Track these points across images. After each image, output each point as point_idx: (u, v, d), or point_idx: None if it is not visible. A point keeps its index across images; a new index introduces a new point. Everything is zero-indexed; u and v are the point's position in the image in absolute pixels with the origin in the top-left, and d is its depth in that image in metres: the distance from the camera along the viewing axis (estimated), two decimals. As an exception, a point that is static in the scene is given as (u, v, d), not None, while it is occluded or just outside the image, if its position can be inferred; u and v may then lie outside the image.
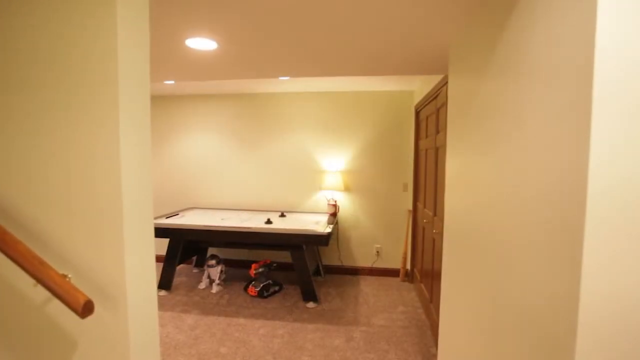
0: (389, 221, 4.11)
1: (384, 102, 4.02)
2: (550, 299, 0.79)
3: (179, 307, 3.20)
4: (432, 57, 2.03)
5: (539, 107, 0.88)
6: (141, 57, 0.95)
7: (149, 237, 0.97)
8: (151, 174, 0.99)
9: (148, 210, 0.97)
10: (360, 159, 4.11)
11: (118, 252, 0.86)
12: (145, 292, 0.95)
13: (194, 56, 1.97)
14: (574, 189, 0.71)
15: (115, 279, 0.86)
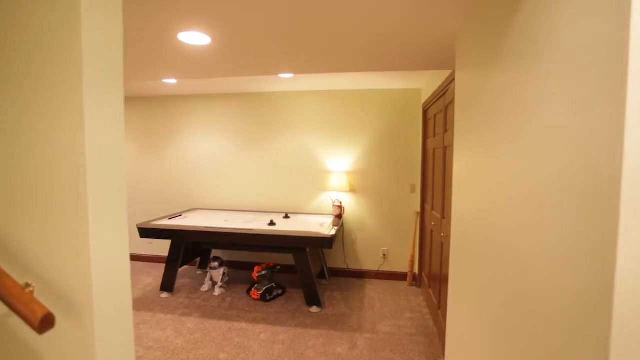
0: (396, 223, 3.99)
1: (390, 101, 3.90)
2: (581, 305, 0.68)
3: (180, 309, 3.14)
4: (438, 50, 1.92)
5: (561, 96, 0.77)
6: (111, 48, 0.86)
7: (121, 241, 0.89)
8: (125, 172, 0.91)
9: (119, 211, 0.89)
10: (366, 160, 4.00)
11: (83, 258, 0.78)
12: (116, 302, 0.86)
13: (187, 52, 1.90)
14: (606, 182, 0.60)
15: (81, 288, 0.78)
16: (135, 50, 1.91)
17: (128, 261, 0.91)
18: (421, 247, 3.70)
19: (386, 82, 3.61)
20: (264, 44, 1.82)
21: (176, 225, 3.28)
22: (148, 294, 3.49)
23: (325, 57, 2.06)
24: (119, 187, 0.89)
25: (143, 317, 2.99)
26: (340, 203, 3.87)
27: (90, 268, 0.78)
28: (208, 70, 2.36)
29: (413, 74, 3.23)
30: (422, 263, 3.65)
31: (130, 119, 4.55)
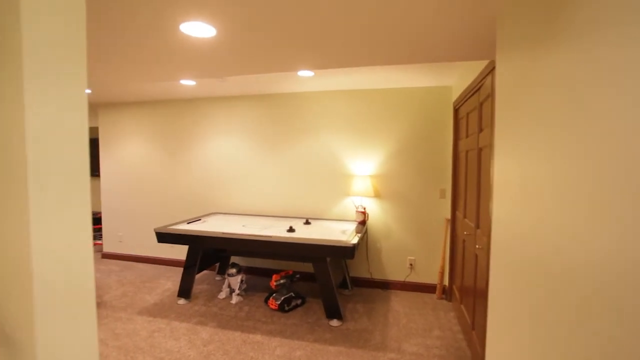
0: (424, 231, 3.71)
1: (418, 100, 3.65)
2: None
3: (196, 318, 3.04)
4: (474, 35, 1.68)
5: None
6: (61, 19, 0.72)
7: (80, 244, 0.75)
8: (87, 163, 0.77)
9: (76, 205, 0.75)
10: (392, 163, 3.76)
11: (22, 265, 0.64)
12: (71, 324, 0.72)
13: (191, 46, 1.77)
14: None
15: (22, 316, 0.64)
16: (133, 44, 1.81)
17: (91, 268, 0.76)
18: (452, 257, 3.40)
19: (413, 80, 3.37)
20: (277, 36, 1.66)
21: (193, 231, 3.19)
22: (165, 300, 3.42)
23: (350, 49, 1.87)
24: (76, 179, 0.75)
25: (158, 325, 2.91)
26: (364, 209, 3.65)
27: (32, 281, 0.63)
28: (215, 67, 2.22)
29: (442, 70, 2.97)
30: (453, 275, 3.35)
31: (150, 123, 4.57)
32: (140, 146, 4.66)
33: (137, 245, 4.76)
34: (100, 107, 4.82)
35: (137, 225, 4.74)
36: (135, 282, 3.93)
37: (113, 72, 2.45)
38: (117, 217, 4.84)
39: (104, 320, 2.99)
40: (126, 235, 4.81)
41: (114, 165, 4.82)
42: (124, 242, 4.82)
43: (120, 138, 4.76)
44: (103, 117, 4.82)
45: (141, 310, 3.20)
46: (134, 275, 4.20)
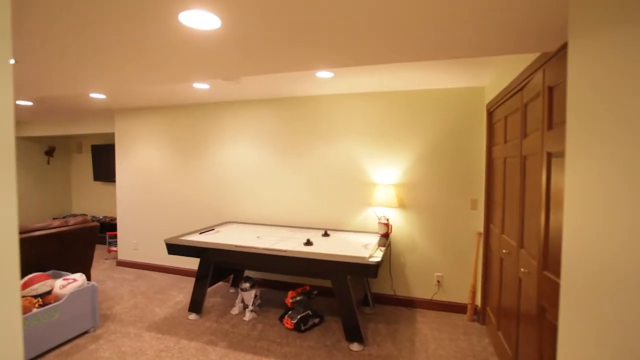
0: (452, 245, 3.40)
1: (446, 102, 3.36)
2: None
3: (206, 336, 2.84)
4: (528, 21, 1.41)
5: None
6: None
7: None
8: (12, 141, 0.56)
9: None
10: (417, 171, 3.48)
11: None
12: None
13: (192, 39, 1.57)
14: None
15: None
16: (127, 40, 1.63)
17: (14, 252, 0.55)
18: (485, 275, 3.07)
19: (441, 81, 3.09)
20: (292, 27, 1.44)
21: (203, 243, 3.01)
22: (175, 314, 3.25)
23: (379, 42, 1.63)
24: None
25: (166, 344, 2.73)
26: (387, 220, 3.38)
27: None
28: (220, 66, 2.01)
29: (474, 68, 2.69)
30: (487, 295, 3.02)
31: (165, 128, 4.47)
32: (155, 152, 4.57)
33: (152, 254, 4.65)
34: (117, 113, 4.77)
35: (151, 233, 4.64)
36: (147, 293, 3.79)
37: (115, 75, 2.31)
38: (132, 225, 4.76)
39: (112, 337, 2.84)
40: (141, 243, 4.71)
41: (129, 171, 4.75)
42: (139, 250, 4.73)
43: (136, 144, 4.69)
44: (119, 123, 4.77)
45: (150, 325, 3.04)
46: (146, 285, 4.07)
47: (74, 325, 2.78)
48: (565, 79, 1.43)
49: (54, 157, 6.69)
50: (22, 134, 6.04)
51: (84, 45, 1.70)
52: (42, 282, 2.70)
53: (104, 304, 3.50)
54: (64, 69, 2.16)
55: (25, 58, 1.92)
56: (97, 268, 4.74)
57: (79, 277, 2.87)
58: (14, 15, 1.36)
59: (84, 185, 6.85)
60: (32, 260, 3.03)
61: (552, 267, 1.55)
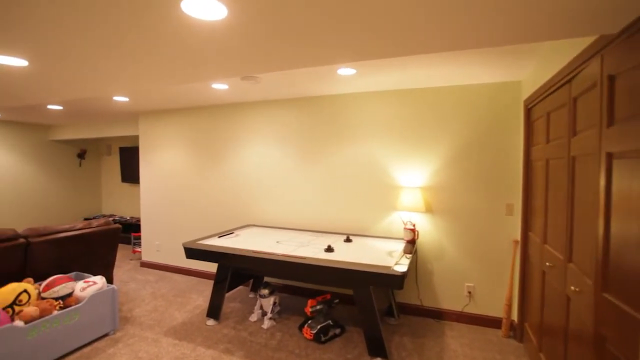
0: (485, 254, 3.14)
1: (478, 99, 3.11)
2: None
3: (223, 344, 2.75)
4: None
5: None
6: None
7: None
8: None
9: None
10: (446, 173, 3.24)
11: None
12: None
13: (196, 31, 1.45)
14: None
15: None
16: (129, 35, 1.55)
17: None
18: (523, 288, 2.80)
19: (472, 76, 2.86)
20: (308, 12, 1.30)
21: (221, 247, 2.93)
22: (194, 319, 3.19)
23: (402, 31, 1.46)
24: None
25: (183, 350, 2.66)
26: (414, 226, 3.17)
27: None
28: (229, 62, 1.90)
29: (510, 60, 2.44)
30: (525, 310, 2.74)
31: (185, 130, 4.47)
32: (177, 154, 4.58)
33: (173, 256, 4.66)
34: (141, 115, 4.83)
35: (173, 234, 4.65)
36: (168, 296, 3.77)
37: (124, 76, 2.26)
38: (155, 226, 4.79)
39: (130, 340, 2.81)
40: (163, 244, 4.73)
41: (152, 173, 4.79)
42: (162, 252, 4.75)
43: (158, 146, 4.72)
44: (143, 125, 4.82)
45: (168, 330, 2.99)
46: (167, 287, 4.06)
47: (94, 328, 2.77)
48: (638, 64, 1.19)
49: (85, 160, 6.92)
50: (55, 137, 6.28)
51: (88, 46, 1.64)
52: (64, 285, 2.71)
53: (125, 305, 3.51)
54: (76, 71, 2.13)
55: (38, 60, 1.90)
56: (122, 268, 4.81)
57: (99, 280, 2.86)
58: (27, 18, 1.31)
59: (112, 187, 7.04)
60: (56, 262, 3.07)
61: (614, 289, 1.32)
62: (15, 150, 5.89)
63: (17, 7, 1.26)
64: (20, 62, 1.89)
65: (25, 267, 2.88)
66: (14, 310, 2.46)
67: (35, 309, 2.44)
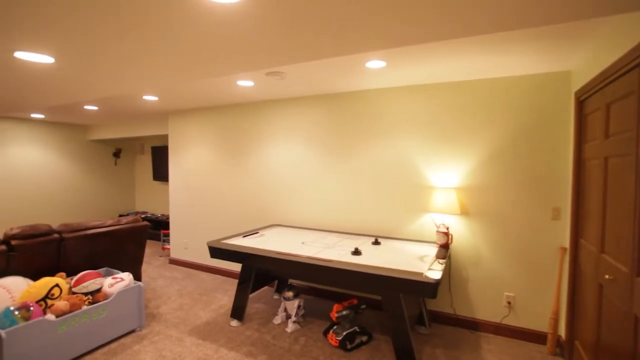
0: (527, 261, 2.87)
1: (520, 92, 2.85)
2: None
3: (246, 346, 2.69)
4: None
5: None
6: None
7: None
8: None
9: None
10: (483, 172, 3.00)
11: None
12: None
13: (210, 17, 1.36)
14: None
15: None
16: (143, 23, 1.48)
17: None
18: (572, 301, 2.52)
19: (513, 66, 2.61)
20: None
21: (245, 248, 2.87)
22: (218, 319, 3.16)
23: (437, 14, 1.30)
24: None
25: (206, 351, 2.62)
26: (447, 229, 2.95)
27: None
28: (245, 53, 1.80)
29: (559, 47, 2.19)
30: (576, 326, 2.46)
31: (212, 129, 4.47)
32: (204, 152, 4.60)
33: (200, 254, 4.70)
34: (170, 115, 4.90)
35: (200, 233, 4.68)
36: (193, 294, 3.78)
37: (148, 71, 2.23)
38: (183, 224, 4.85)
39: (155, 338, 2.81)
40: (191, 242, 4.78)
41: (180, 171, 4.85)
42: (189, 249, 4.80)
43: (186, 145, 4.77)
44: (172, 125, 4.90)
45: (192, 329, 2.97)
46: (193, 285, 4.08)
47: (121, 324, 2.80)
48: None
49: (120, 158, 7.19)
50: (93, 137, 6.56)
51: (110, 42, 1.61)
52: (93, 280, 2.75)
53: (153, 302, 3.54)
54: (100, 68, 2.13)
55: (63, 57, 1.90)
56: (151, 265, 4.91)
57: (126, 277, 2.88)
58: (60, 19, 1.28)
59: (145, 185, 7.27)
60: (87, 257, 3.14)
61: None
62: (57, 149, 6.20)
63: (44, 7, 1.23)
64: (47, 59, 1.90)
65: (58, 262, 2.96)
66: (47, 303, 2.51)
67: (65, 304, 2.48)
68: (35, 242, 2.79)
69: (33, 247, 2.77)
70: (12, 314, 2.26)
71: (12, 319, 2.25)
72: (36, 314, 2.34)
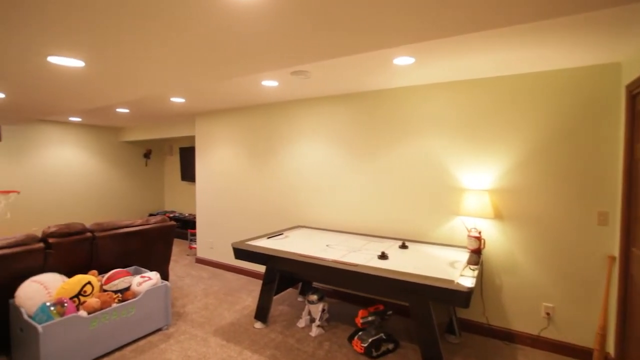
0: (569, 270, 2.66)
1: (561, 87, 2.64)
2: None
3: (270, 350, 2.65)
4: None
5: None
6: None
7: None
8: None
9: None
10: (519, 174, 2.82)
11: None
12: None
13: (231, 15, 1.32)
14: None
15: None
16: (167, 26, 1.45)
17: None
18: (622, 315, 2.30)
19: (554, 59, 2.42)
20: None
21: (269, 250, 2.84)
22: (242, 320, 3.15)
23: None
24: None
25: (229, 352, 2.61)
26: (479, 233, 2.80)
27: None
28: (270, 49, 1.74)
29: (608, 37, 1.99)
30: (627, 344, 2.25)
31: (237, 130, 4.50)
32: (229, 153, 4.64)
33: (225, 254, 4.74)
34: (197, 116, 4.99)
35: (225, 233, 4.72)
36: (219, 294, 3.81)
37: (173, 74, 2.24)
38: (209, 224, 4.92)
39: (181, 337, 2.84)
40: (216, 242, 4.84)
41: (206, 172, 4.92)
42: (215, 249, 4.86)
43: (212, 146, 4.83)
44: (198, 126, 4.98)
45: (217, 329, 2.98)
46: (219, 285, 4.11)
47: (148, 322, 2.85)
48: None
49: (150, 159, 7.43)
50: (125, 138, 6.81)
51: (136, 47, 1.61)
52: (122, 279, 2.82)
53: (179, 300, 3.60)
54: (127, 70, 2.16)
55: (93, 61, 1.94)
56: (179, 263, 5.01)
57: (154, 276, 2.93)
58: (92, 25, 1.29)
59: (173, 185, 7.47)
60: (117, 256, 3.23)
61: None
62: (92, 151, 6.49)
63: (76, 12, 1.24)
64: (77, 63, 1.95)
65: (91, 260, 3.06)
66: (79, 300, 2.59)
67: (97, 301, 2.55)
68: (70, 240, 2.89)
69: (68, 245, 2.88)
70: (48, 309, 2.35)
71: (48, 314, 2.33)
72: (70, 310, 2.41)
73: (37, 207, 5.82)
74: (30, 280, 2.53)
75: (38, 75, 2.34)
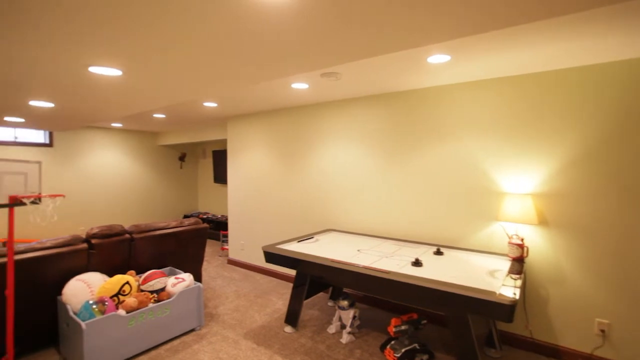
0: (628, 283, 2.41)
1: (614, 82, 2.41)
2: None
3: (300, 355, 2.62)
4: None
5: None
6: None
7: None
8: None
9: None
10: (566, 176, 2.60)
11: None
12: None
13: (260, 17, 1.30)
14: None
15: None
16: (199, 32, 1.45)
17: None
18: (693, 336, 2.04)
19: (606, 51, 2.20)
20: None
21: (299, 254, 2.81)
22: (273, 324, 3.15)
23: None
24: None
25: (260, 357, 2.61)
26: (522, 240, 2.61)
27: None
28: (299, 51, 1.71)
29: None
30: (698, 367, 1.99)
31: (268, 133, 4.53)
32: (260, 156, 4.69)
33: (256, 256, 4.79)
34: (229, 120, 5.09)
35: (256, 235, 4.77)
36: (249, 296, 3.84)
37: (205, 80, 2.27)
38: (240, 226, 5.00)
39: (213, 338, 2.88)
40: (247, 244, 4.90)
41: (238, 174, 5.00)
42: (245, 251, 4.93)
43: (243, 149, 4.91)
44: (230, 129, 5.08)
45: (248, 332, 2.99)
46: (250, 287, 4.15)
47: (182, 323, 2.91)
48: None
49: (185, 162, 7.70)
50: (161, 142, 7.10)
51: (169, 56, 1.64)
52: (158, 279, 2.91)
53: (212, 302, 3.67)
54: (161, 78, 2.22)
55: (130, 70, 2.00)
56: (211, 264, 5.13)
57: (187, 277, 3.00)
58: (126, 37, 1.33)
59: (207, 187, 7.69)
60: (154, 257, 3.34)
61: None
62: (131, 155, 6.82)
63: (113, 24, 1.28)
64: (116, 72, 2.03)
65: (129, 260, 3.19)
66: (119, 299, 2.70)
67: (134, 300, 2.64)
68: (111, 241, 3.03)
69: (109, 246, 3.01)
70: (91, 307, 2.46)
71: (90, 311, 2.44)
72: (110, 309, 2.51)
73: (81, 208, 6.20)
74: (75, 279, 2.67)
75: (81, 84, 2.47)
